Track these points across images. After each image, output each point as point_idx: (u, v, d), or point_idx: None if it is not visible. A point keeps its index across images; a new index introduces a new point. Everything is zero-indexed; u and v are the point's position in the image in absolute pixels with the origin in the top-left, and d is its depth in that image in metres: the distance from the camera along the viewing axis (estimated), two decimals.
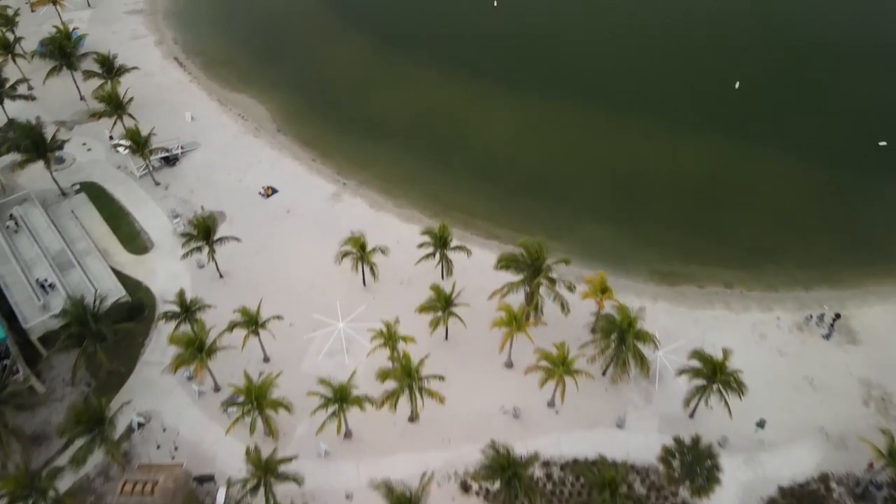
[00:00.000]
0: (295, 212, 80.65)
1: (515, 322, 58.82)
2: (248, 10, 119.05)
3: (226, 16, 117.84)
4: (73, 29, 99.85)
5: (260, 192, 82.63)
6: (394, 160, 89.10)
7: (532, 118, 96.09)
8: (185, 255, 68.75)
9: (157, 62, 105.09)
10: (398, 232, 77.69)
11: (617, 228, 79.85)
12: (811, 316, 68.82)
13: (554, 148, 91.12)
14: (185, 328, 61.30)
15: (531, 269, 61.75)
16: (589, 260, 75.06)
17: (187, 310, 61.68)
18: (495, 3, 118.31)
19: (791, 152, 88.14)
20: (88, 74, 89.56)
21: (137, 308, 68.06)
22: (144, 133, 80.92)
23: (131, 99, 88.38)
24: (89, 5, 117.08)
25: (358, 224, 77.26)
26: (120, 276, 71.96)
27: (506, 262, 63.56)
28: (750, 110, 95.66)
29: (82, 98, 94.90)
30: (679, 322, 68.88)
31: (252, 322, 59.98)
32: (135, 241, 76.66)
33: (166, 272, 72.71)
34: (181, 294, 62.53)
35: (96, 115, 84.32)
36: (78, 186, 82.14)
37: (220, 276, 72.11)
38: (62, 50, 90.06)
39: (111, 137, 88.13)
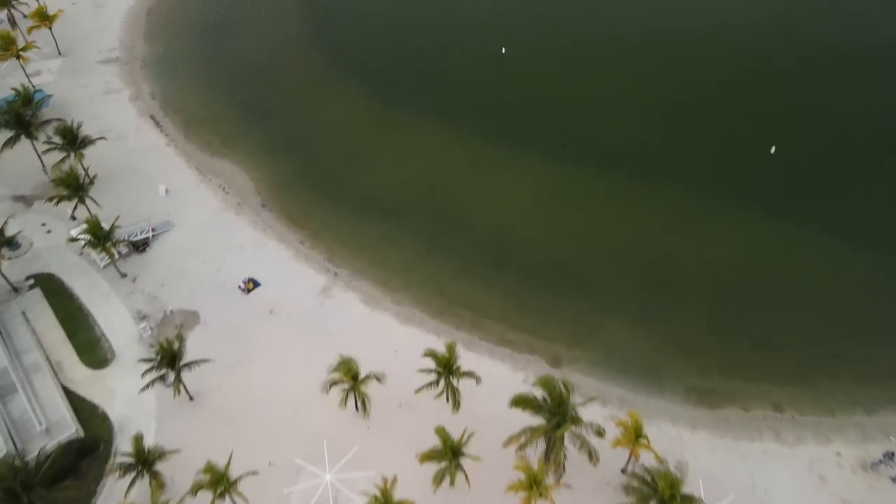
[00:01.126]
0: (279, 311, 70.75)
1: (536, 487, 48.91)
2: (234, 56, 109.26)
3: (209, 63, 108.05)
4: (36, 90, 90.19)
5: (240, 287, 72.76)
6: (392, 241, 79.32)
7: (545, 188, 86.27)
8: (146, 387, 58.71)
9: (130, 122, 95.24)
10: (396, 338, 67.90)
11: (646, 330, 69.96)
12: (880, 459, 58.75)
13: (571, 225, 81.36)
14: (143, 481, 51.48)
15: (553, 416, 51.79)
16: (615, 374, 65.68)
17: (144, 461, 51.81)
18: (503, 51, 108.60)
19: (842, 235, 78.10)
20: (49, 146, 79.72)
21: (90, 446, 58.16)
22: (109, 221, 71.31)
23: (94, 178, 78.67)
24: (60, 53, 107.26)
25: (351, 328, 68.03)
26: (73, 398, 62.11)
27: (523, 405, 53.59)
28: (790, 181, 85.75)
29: (45, 170, 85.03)
30: (724, 460, 58.92)
31: (220, 482, 50.05)
32: (94, 350, 66.69)
33: (128, 393, 62.67)
34: (138, 441, 52.60)
35: (54, 200, 74.39)
36: (32, 281, 72.28)
37: (191, 398, 62.16)
38: (19, 118, 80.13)
39: (74, 217, 78.22)
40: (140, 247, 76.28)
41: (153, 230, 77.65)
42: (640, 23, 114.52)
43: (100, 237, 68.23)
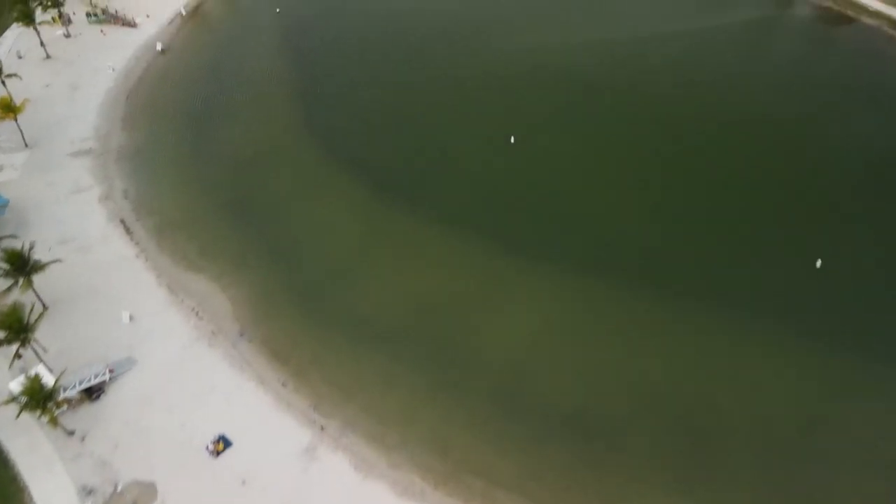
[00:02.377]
0: (253, 481, 59.33)
1: None
2: (218, 145, 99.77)
3: (190, 155, 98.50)
4: None
5: (208, 448, 61.46)
6: (388, 381, 68.32)
7: (562, 310, 75.64)
8: None
9: (98, 228, 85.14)
10: None
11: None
12: None
13: (593, 359, 70.41)
14: None
15: None
16: None
17: None
18: (512, 140, 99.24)
19: None
20: None
21: None
22: (61, 357, 60.62)
23: (44, 311, 68.15)
24: (26, 145, 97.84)
25: None
26: None
27: None
28: (842, 303, 75.20)
29: None
30: None
31: None
32: None
33: None
34: None
35: None
36: None
37: None
38: None
39: (19, 355, 67.14)
40: (94, 394, 65.22)
41: (110, 372, 66.69)
42: (673, 112, 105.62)
43: (38, 398, 57.21)
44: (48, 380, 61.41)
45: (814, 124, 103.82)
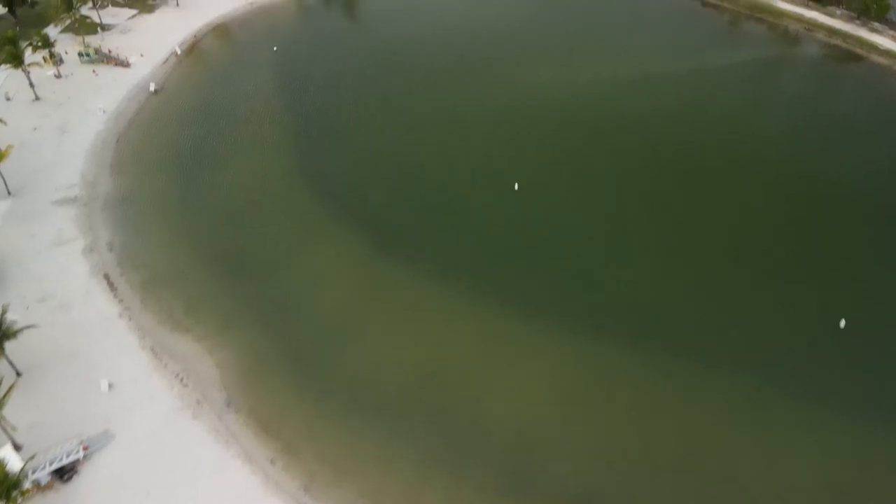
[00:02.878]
0: None
1: None
2: (209, 193, 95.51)
3: (180, 203, 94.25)
4: None
5: None
6: (386, 458, 63.03)
7: (572, 378, 70.49)
8: None
9: (80, 284, 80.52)
10: None
11: None
12: None
13: (606, 430, 65.36)
14: None
15: None
16: None
17: None
18: (516, 187, 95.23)
19: None
20: None
21: None
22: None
23: (15, 382, 63.31)
24: (9, 193, 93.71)
25: None
26: None
27: None
28: (868, 369, 70.42)
29: None
30: None
31: None
32: None
33: None
34: None
35: None
36: None
37: None
38: None
39: None
40: (65, 474, 60.00)
41: (84, 449, 61.53)
42: (681, 153, 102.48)
43: (4, 489, 52.09)
44: (15, 463, 56.33)
45: (829, 166, 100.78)
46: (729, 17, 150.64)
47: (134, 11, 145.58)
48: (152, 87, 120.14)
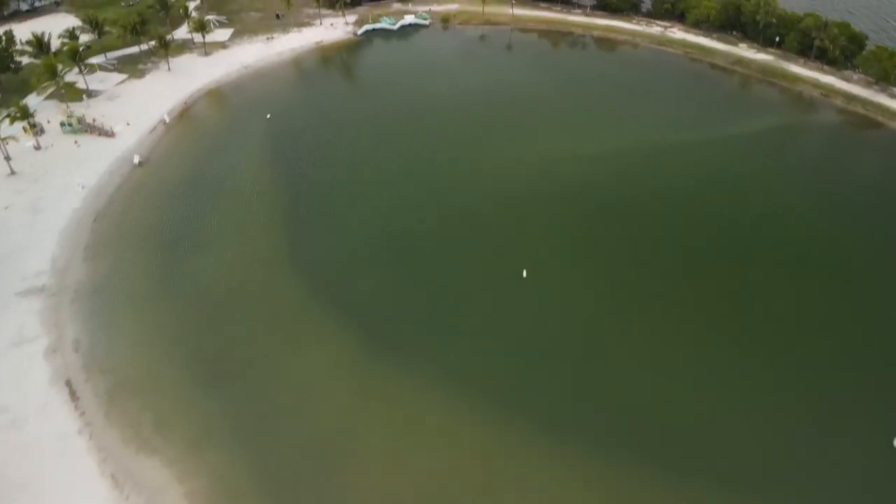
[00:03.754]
0: None
1: None
2: (188, 282, 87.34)
3: (156, 294, 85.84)
4: None
5: None
6: None
7: None
8: None
9: (37, 394, 71.65)
10: None
11: None
12: None
13: None
14: None
15: None
16: None
17: None
18: (524, 274, 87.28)
19: None
20: None
21: None
22: None
23: None
24: None
25: None
26: None
27: None
28: None
29: None
30: None
31: None
32: None
33: None
34: None
35: None
36: None
37: None
38: None
39: None
40: None
41: None
42: (696, 232, 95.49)
43: None
44: None
45: (857, 242, 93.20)
46: (740, 80, 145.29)
47: (123, 76, 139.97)
48: (136, 160, 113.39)
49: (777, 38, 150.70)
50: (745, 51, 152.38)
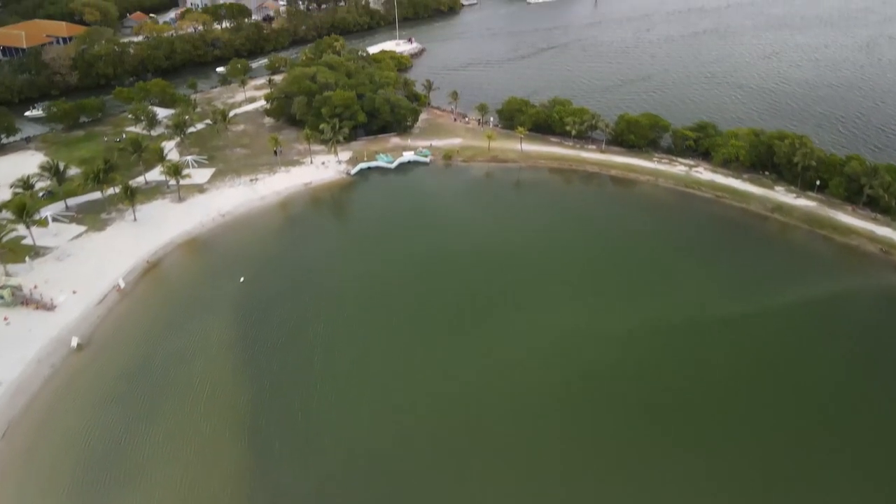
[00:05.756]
0: None
1: None
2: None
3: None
4: None
5: None
6: None
7: None
8: None
9: None
10: None
11: None
12: None
13: None
14: None
15: None
16: None
17: None
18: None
19: None
20: None
21: None
22: None
23: None
24: None
25: None
26: None
27: None
28: None
29: None
30: None
31: None
32: None
33: None
34: None
35: None
36: None
37: None
38: None
39: None
40: None
41: None
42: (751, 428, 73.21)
43: None
44: None
45: None
46: (781, 229, 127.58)
47: (81, 229, 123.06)
48: (74, 342, 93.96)
49: (818, 182, 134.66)
50: (784, 195, 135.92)
